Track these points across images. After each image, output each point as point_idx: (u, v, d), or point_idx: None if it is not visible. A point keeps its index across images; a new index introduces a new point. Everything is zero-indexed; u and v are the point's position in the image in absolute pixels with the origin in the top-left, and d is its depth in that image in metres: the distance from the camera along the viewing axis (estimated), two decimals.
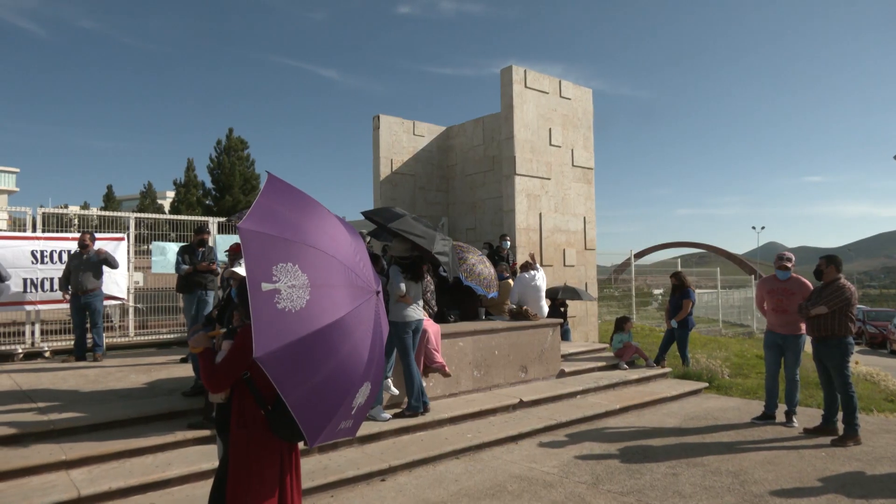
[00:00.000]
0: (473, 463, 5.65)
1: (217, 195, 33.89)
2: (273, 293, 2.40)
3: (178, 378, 7.21)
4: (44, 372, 7.77)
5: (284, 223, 2.61)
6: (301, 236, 2.62)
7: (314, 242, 2.65)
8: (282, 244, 2.52)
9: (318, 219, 2.81)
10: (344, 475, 5.00)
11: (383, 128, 14.27)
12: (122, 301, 9.97)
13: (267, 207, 2.63)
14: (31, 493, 4.26)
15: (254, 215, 2.54)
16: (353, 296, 2.69)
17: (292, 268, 2.48)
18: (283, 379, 2.38)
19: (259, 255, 2.44)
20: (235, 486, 2.82)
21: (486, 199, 14.17)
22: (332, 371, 2.55)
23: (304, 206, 2.80)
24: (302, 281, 2.49)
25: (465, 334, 7.57)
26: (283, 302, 2.41)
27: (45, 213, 9.72)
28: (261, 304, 2.36)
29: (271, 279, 2.41)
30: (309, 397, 2.48)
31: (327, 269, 2.63)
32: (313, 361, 2.47)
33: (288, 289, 2.44)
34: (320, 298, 2.52)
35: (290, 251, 2.53)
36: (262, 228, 2.51)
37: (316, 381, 2.49)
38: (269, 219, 2.58)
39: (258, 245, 2.46)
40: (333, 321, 2.53)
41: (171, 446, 5.17)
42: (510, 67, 12.28)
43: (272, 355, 2.33)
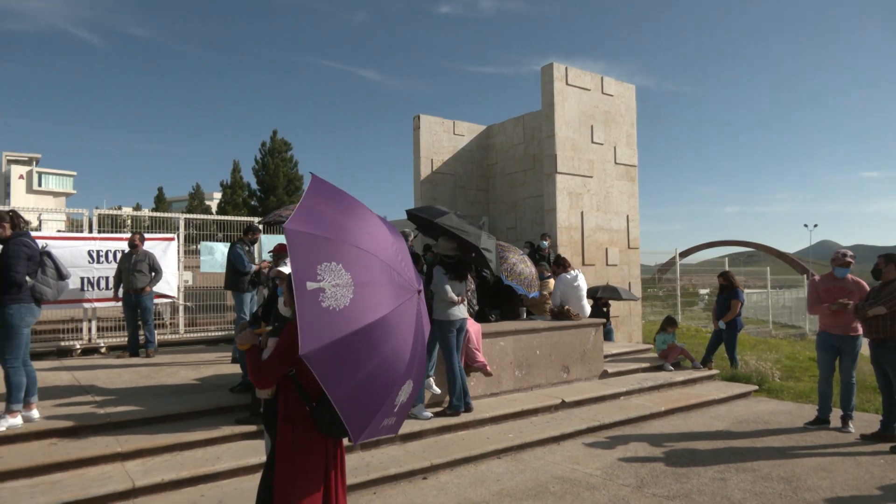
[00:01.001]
0: (515, 463, 5.62)
1: (262, 196, 34.68)
2: (318, 292, 2.44)
3: (225, 374, 7.41)
4: (100, 368, 8.09)
5: (328, 223, 2.66)
6: (344, 236, 2.66)
7: (357, 242, 2.68)
8: (326, 244, 2.56)
9: (361, 218, 2.85)
10: (386, 472, 5.05)
11: (424, 127, 14.34)
12: (172, 299, 10.30)
13: (312, 208, 2.68)
14: (90, 483, 4.45)
15: (299, 215, 2.59)
16: (395, 294, 2.72)
17: (336, 267, 2.53)
18: (327, 376, 2.42)
19: (304, 255, 2.49)
20: (282, 480, 2.88)
21: (527, 198, 14.08)
22: (375, 369, 2.58)
23: (346, 207, 2.84)
24: (346, 280, 2.52)
25: (506, 334, 7.54)
26: (327, 300, 2.45)
27: (101, 215, 10.12)
28: (306, 303, 2.41)
29: (316, 278, 2.46)
30: (353, 394, 2.52)
31: (370, 268, 2.66)
32: (357, 359, 2.51)
33: (332, 287, 2.48)
34: (363, 297, 2.56)
35: (334, 250, 2.57)
36: (307, 228, 2.55)
37: (359, 379, 2.53)
38: (314, 219, 2.62)
39: (303, 244, 2.51)
40: (376, 319, 2.56)
41: (220, 441, 5.31)
42: (551, 65, 12.17)
43: (317, 353, 2.38)
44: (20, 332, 5.22)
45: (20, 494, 4.23)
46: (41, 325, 8.86)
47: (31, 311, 5.32)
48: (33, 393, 5.34)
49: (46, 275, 5.43)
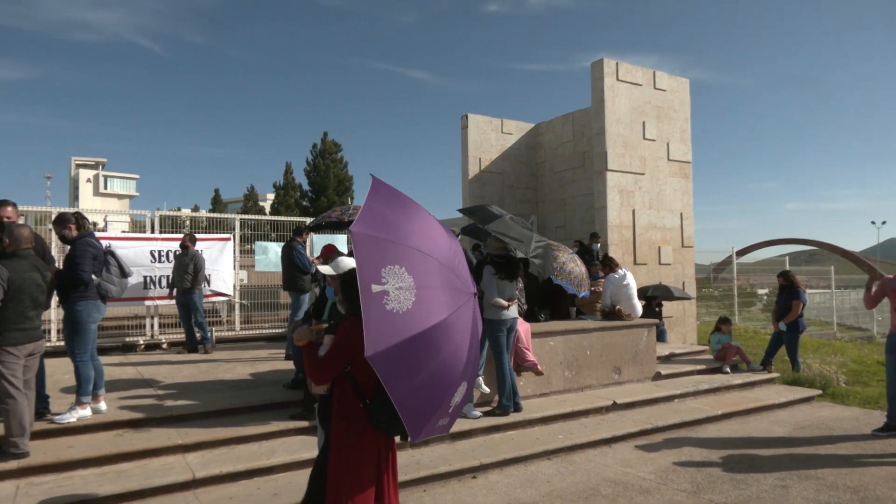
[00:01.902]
0: (565, 464, 5.56)
1: (313, 196, 35.39)
2: (382, 294, 2.50)
3: (279, 371, 7.59)
4: (162, 363, 8.43)
5: (391, 226, 2.71)
6: (406, 239, 2.70)
7: (418, 245, 2.72)
8: (390, 247, 2.62)
9: (420, 221, 2.89)
10: (436, 470, 5.07)
11: (472, 127, 14.34)
12: (228, 297, 10.62)
13: (374, 210, 2.72)
14: (153, 473, 4.64)
15: (363, 218, 2.64)
16: (454, 297, 2.75)
17: (399, 270, 2.58)
18: (390, 377, 2.47)
19: (369, 258, 2.54)
20: (335, 475, 2.93)
21: (577, 196, 13.89)
22: (435, 370, 2.62)
23: (406, 209, 2.88)
24: (408, 283, 2.57)
25: (555, 333, 7.46)
26: (391, 303, 2.50)
27: (162, 216, 10.54)
28: (371, 306, 2.46)
29: (380, 281, 2.51)
30: (413, 395, 2.56)
31: (431, 271, 2.70)
32: (418, 361, 2.56)
33: (396, 290, 2.53)
34: (425, 300, 2.60)
35: (398, 254, 2.62)
36: (371, 231, 2.61)
37: (420, 380, 2.57)
38: (378, 222, 2.67)
39: (368, 248, 2.56)
40: (437, 322, 2.60)
41: (274, 435, 5.45)
42: (601, 60, 11.96)
43: (381, 355, 2.43)
44: (88, 328, 5.48)
45: (89, 482, 4.45)
46: (107, 321, 9.29)
47: (98, 307, 5.58)
48: (101, 386, 5.61)
49: (111, 273, 5.69)
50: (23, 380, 4.64)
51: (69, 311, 5.44)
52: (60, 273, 5.43)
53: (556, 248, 8.22)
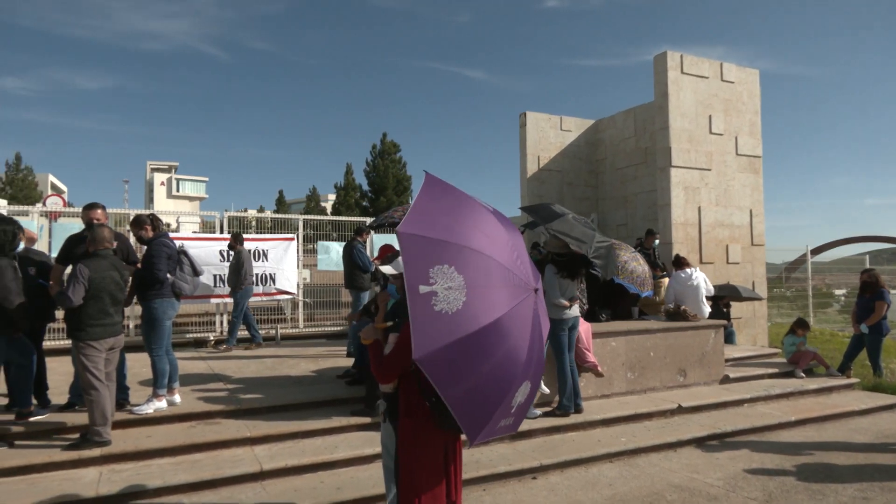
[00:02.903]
0: (628, 468, 5.43)
1: (373, 196, 35.97)
2: (430, 295, 2.45)
3: (341, 367, 7.75)
4: (231, 358, 8.76)
5: (441, 224, 2.65)
6: (457, 237, 2.64)
7: (470, 242, 2.66)
8: (438, 246, 2.56)
9: (475, 217, 2.82)
10: (495, 470, 5.06)
11: (530, 124, 14.21)
12: (292, 296, 10.93)
13: (424, 208, 2.69)
14: (223, 463, 4.83)
15: (411, 218, 2.61)
16: (510, 295, 2.68)
17: (448, 269, 2.52)
18: (440, 379, 2.44)
19: (416, 258, 2.50)
20: (405, 472, 2.96)
21: (639, 194, 13.54)
22: (490, 371, 2.56)
23: (460, 205, 2.82)
24: (458, 282, 2.52)
25: (617, 334, 7.30)
26: (439, 304, 2.46)
27: (230, 217, 10.96)
28: (418, 307, 2.43)
29: (428, 281, 2.47)
30: (467, 397, 2.52)
31: (484, 270, 2.63)
32: (470, 362, 2.50)
33: (444, 291, 2.48)
34: (476, 300, 2.54)
35: (447, 253, 2.56)
36: (419, 231, 2.57)
37: (473, 382, 2.52)
38: (427, 221, 2.63)
39: (415, 248, 2.52)
40: (490, 322, 2.53)
41: (337, 430, 5.57)
42: (664, 53, 11.62)
43: (429, 357, 2.40)
44: (163, 325, 5.77)
45: (165, 471, 4.67)
46: (179, 318, 9.72)
47: (172, 305, 5.86)
48: (175, 379, 5.89)
49: (184, 272, 5.97)
50: (104, 372, 4.93)
51: (146, 308, 5.74)
52: (138, 272, 5.74)
53: (618, 246, 8.06)
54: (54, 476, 4.55)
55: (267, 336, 10.58)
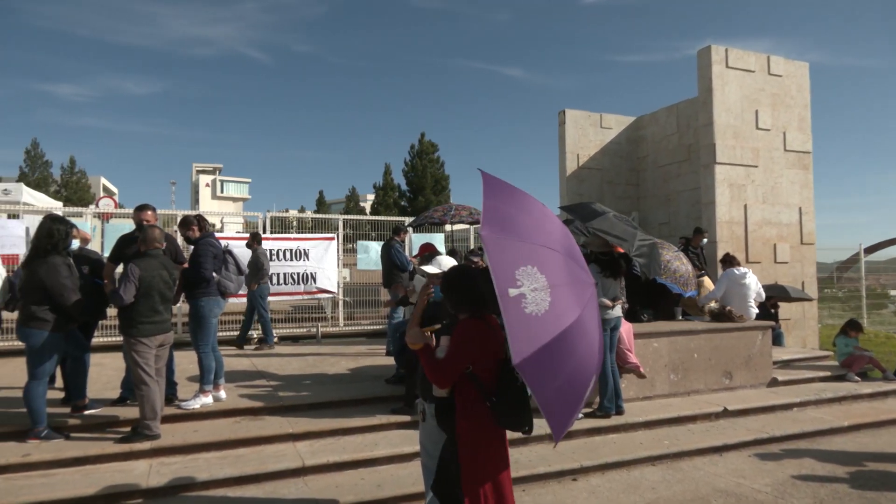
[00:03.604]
0: (671, 472, 5.32)
1: (411, 196, 36.19)
2: (519, 298, 2.44)
3: (380, 366, 7.83)
4: (273, 356, 8.94)
5: (514, 223, 2.65)
6: (531, 235, 2.64)
7: (541, 240, 2.66)
8: (519, 247, 2.56)
9: (537, 213, 2.82)
10: (535, 471, 5.03)
11: (569, 122, 14.07)
12: (333, 295, 11.08)
13: (494, 209, 2.66)
14: (267, 458, 4.94)
15: (489, 220, 2.59)
16: (582, 291, 2.68)
17: (532, 270, 2.51)
18: (537, 382, 2.42)
19: (502, 261, 2.48)
20: (470, 476, 2.94)
21: (682, 192, 13.26)
22: (573, 369, 2.57)
23: (521, 202, 2.82)
24: (542, 283, 2.51)
25: (660, 335, 7.16)
26: (529, 306, 2.45)
27: (272, 217, 11.18)
28: (511, 311, 2.41)
29: (516, 284, 2.45)
30: (556, 397, 2.52)
31: (559, 267, 2.63)
32: (559, 362, 2.50)
33: (531, 292, 2.47)
34: (559, 299, 2.54)
35: (527, 253, 2.56)
36: (500, 233, 2.55)
37: (561, 382, 2.53)
38: (502, 221, 2.62)
39: (500, 250, 2.51)
40: (574, 321, 2.54)
41: (377, 428, 5.62)
42: (709, 47, 11.34)
43: (528, 361, 2.38)
44: (209, 322, 5.93)
45: (212, 464, 4.80)
46: (224, 316, 9.96)
47: (218, 303, 6.02)
48: (221, 376, 6.04)
49: (229, 271, 6.12)
50: (154, 368, 5.09)
51: (193, 306, 5.90)
52: (185, 271, 5.91)
53: (660, 245, 7.90)
54: (107, 467, 4.72)
55: (308, 334, 10.78)
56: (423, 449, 3.66)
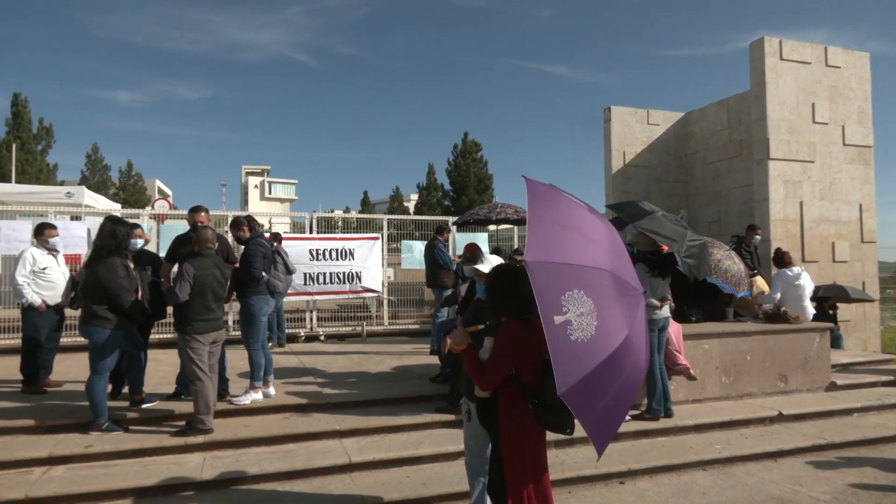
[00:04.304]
0: (724, 477, 5.17)
1: (454, 196, 36.26)
2: (565, 325, 2.42)
3: (425, 364, 7.87)
4: (320, 353, 9.10)
5: (560, 244, 2.61)
6: (577, 255, 2.60)
7: (588, 259, 2.61)
8: (565, 270, 2.53)
9: (583, 224, 2.77)
10: (581, 473, 4.97)
11: (615, 119, 13.84)
12: (377, 294, 11.20)
13: (540, 228, 2.63)
14: (314, 454, 5.03)
15: (533, 243, 2.56)
16: (629, 306, 2.64)
17: (578, 294, 2.49)
18: (582, 407, 2.41)
19: (547, 288, 2.45)
20: (514, 475, 2.95)
21: (733, 189, 12.87)
22: (620, 387, 2.56)
23: (566, 213, 2.77)
24: (588, 307, 2.48)
25: (710, 336, 6.97)
26: (574, 333, 2.43)
27: (318, 217, 11.37)
28: (557, 339, 2.39)
29: (561, 311, 2.43)
30: (601, 417, 2.52)
31: (606, 286, 2.59)
32: (605, 384, 2.49)
33: (577, 318, 2.45)
34: (606, 321, 2.51)
35: (573, 276, 2.53)
36: (544, 257, 2.52)
37: (607, 401, 2.51)
38: (547, 242, 2.58)
39: (545, 276, 2.47)
40: (621, 343, 2.51)
41: (421, 427, 5.66)
42: (761, 39, 10.97)
43: (573, 389, 2.37)
44: (259, 320, 6.08)
45: (262, 459, 4.93)
46: None
47: (268, 301, 6.16)
48: (270, 372, 6.18)
49: (278, 270, 6.27)
50: (208, 364, 5.25)
51: (244, 304, 6.06)
52: (236, 270, 6.07)
53: (711, 244, 7.69)
54: (163, 460, 4.90)
55: (353, 332, 10.93)
56: (468, 448, 3.67)
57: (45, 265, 6.45)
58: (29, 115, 29.46)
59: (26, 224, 8.82)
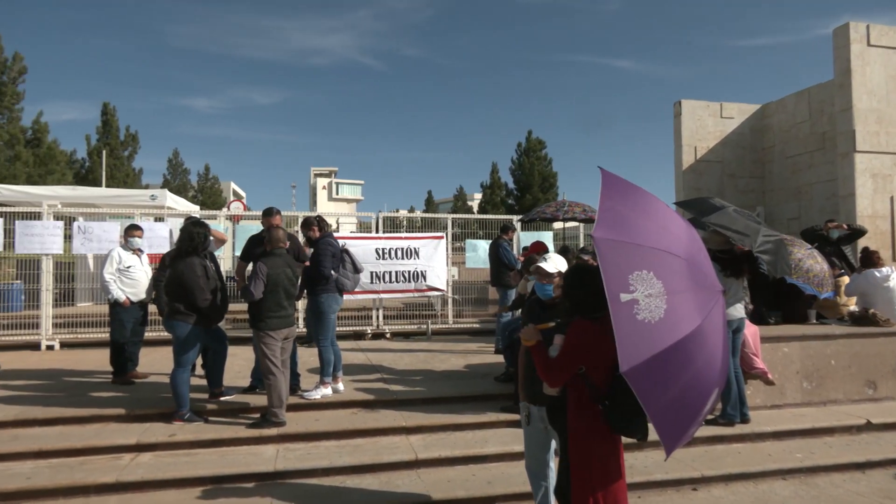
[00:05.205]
0: (805, 487, 4.91)
1: (518, 194, 36.03)
2: (632, 304, 2.37)
3: (489, 364, 7.87)
4: (386, 351, 9.26)
5: (633, 226, 2.56)
6: (650, 238, 2.54)
7: (663, 244, 2.55)
8: (634, 250, 2.47)
9: (659, 214, 2.70)
10: (651, 477, 4.84)
11: (685, 113, 13.38)
12: (442, 292, 11.28)
13: (611, 210, 2.58)
14: (382, 450, 5.13)
15: (603, 220, 2.52)
16: (705, 299, 2.55)
17: (647, 275, 2.43)
18: (645, 392, 2.35)
19: (615, 265, 2.41)
20: (580, 478, 2.90)
21: (814, 184, 12.19)
22: (690, 382, 2.46)
23: (642, 202, 2.72)
24: (658, 289, 2.42)
25: (790, 339, 6.63)
26: (641, 313, 2.37)
27: (384, 217, 11.57)
28: (621, 317, 2.35)
29: (628, 289, 2.38)
30: (669, 409, 2.44)
31: (679, 273, 2.52)
32: (672, 373, 2.41)
33: (645, 298, 2.39)
34: (676, 306, 2.43)
35: (643, 257, 2.47)
36: (614, 235, 2.48)
37: (674, 393, 2.43)
38: (618, 222, 2.53)
39: (613, 254, 2.43)
40: (691, 331, 2.42)
41: (487, 426, 5.66)
42: (846, 25, 10.33)
43: (636, 370, 2.32)
44: (329, 318, 6.25)
45: (331, 453, 5.07)
46: (341, 311, 10.44)
47: (336, 299, 6.33)
48: (339, 368, 6.35)
49: (346, 269, 6.42)
50: (280, 359, 5.45)
51: (314, 302, 6.25)
52: (306, 269, 6.27)
53: (791, 242, 7.31)
54: (240, 450, 5.13)
55: (418, 331, 11.05)
56: (528, 452, 3.64)
57: (130, 264, 6.88)
58: (117, 124, 31.47)
59: (115, 225, 9.44)
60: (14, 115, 22.48)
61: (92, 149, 30.03)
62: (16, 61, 22.53)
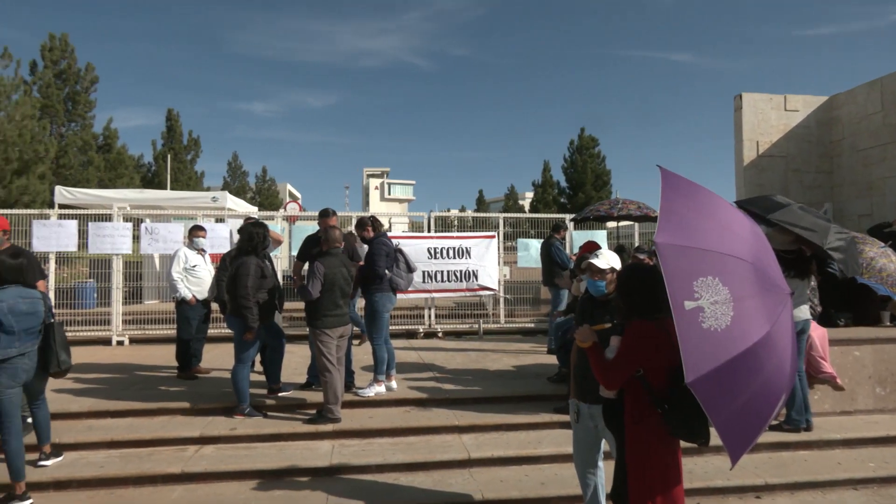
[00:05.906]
0: (879, 498, 4.66)
1: (570, 193, 35.56)
2: (696, 311, 2.31)
3: (542, 364, 7.80)
4: (438, 350, 9.31)
5: (696, 229, 2.49)
6: (714, 242, 2.47)
7: (728, 248, 2.47)
8: (698, 256, 2.41)
9: (722, 214, 2.62)
10: (711, 483, 4.70)
11: (746, 107, 12.88)
12: (494, 292, 11.25)
13: (674, 212, 2.52)
14: (434, 448, 5.17)
15: (666, 225, 2.46)
16: (773, 304, 2.46)
17: (713, 281, 2.36)
18: (711, 402, 2.29)
19: (678, 271, 2.35)
20: (637, 482, 2.85)
21: (888, 178, 11.53)
22: (758, 390, 2.39)
23: (705, 203, 2.64)
24: (724, 296, 2.35)
25: (861, 342, 6.30)
26: (707, 321, 2.31)
27: (435, 217, 11.63)
28: (686, 325, 2.29)
29: (693, 296, 2.32)
30: (736, 418, 2.36)
31: (745, 278, 2.44)
32: (740, 382, 2.34)
33: (711, 305, 2.33)
34: (743, 313, 2.36)
35: (708, 262, 2.40)
36: (677, 240, 2.42)
37: (742, 402, 2.36)
38: (681, 226, 2.47)
39: (676, 259, 2.37)
40: (760, 339, 2.35)
41: (540, 426, 5.62)
42: None
43: (702, 379, 2.26)
44: (382, 316, 6.33)
45: (385, 449, 5.14)
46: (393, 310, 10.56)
47: (390, 298, 6.41)
48: (392, 367, 6.43)
49: (400, 268, 6.48)
50: (336, 357, 5.56)
51: (368, 301, 6.35)
52: (360, 268, 6.37)
53: (862, 240, 6.95)
54: (297, 445, 5.26)
55: (470, 330, 11.06)
56: (576, 451, 3.60)
57: (195, 263, 7.16)
58: (180, 129, 32.83)
59: (179, 226, 9.85)
60: (87, 123, 23.76)
61: (157, 153, 31.41)
62: (88, 72, 23.82)
